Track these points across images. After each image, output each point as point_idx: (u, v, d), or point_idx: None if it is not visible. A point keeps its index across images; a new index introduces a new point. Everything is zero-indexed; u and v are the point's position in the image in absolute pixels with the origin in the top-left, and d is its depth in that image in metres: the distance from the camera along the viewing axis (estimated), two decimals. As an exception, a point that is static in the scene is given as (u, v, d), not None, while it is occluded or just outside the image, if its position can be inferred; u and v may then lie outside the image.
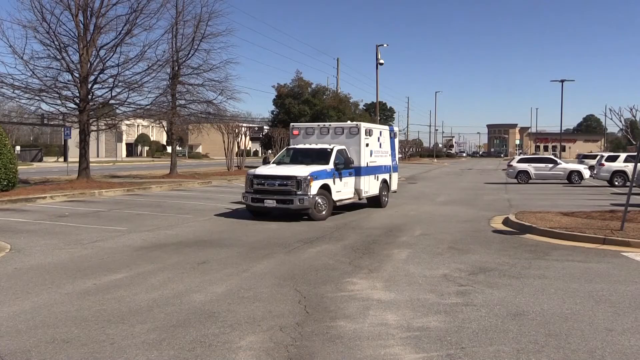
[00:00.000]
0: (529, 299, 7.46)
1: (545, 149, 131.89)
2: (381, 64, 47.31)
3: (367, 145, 17.82)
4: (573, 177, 33.01)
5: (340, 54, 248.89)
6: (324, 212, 15.53)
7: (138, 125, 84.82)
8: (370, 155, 18.11)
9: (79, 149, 26.36)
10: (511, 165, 34.68)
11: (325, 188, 15.74)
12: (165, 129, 36.91)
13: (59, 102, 25.03)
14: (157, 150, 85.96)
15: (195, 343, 5.65)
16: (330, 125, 18.40)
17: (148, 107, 27.82)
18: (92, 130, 27.53)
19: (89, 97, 24.79)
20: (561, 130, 75.87)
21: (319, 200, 15.40)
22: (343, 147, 17.19)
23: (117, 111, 29.22)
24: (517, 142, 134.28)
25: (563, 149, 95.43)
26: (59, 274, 8.58)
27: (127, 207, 18.09)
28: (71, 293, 7.49)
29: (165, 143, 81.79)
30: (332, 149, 16.69)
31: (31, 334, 5.87)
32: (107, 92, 25.48)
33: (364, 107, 73.63)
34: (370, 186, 18.16)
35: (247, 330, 6.07)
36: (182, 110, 32.26)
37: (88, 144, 26.04)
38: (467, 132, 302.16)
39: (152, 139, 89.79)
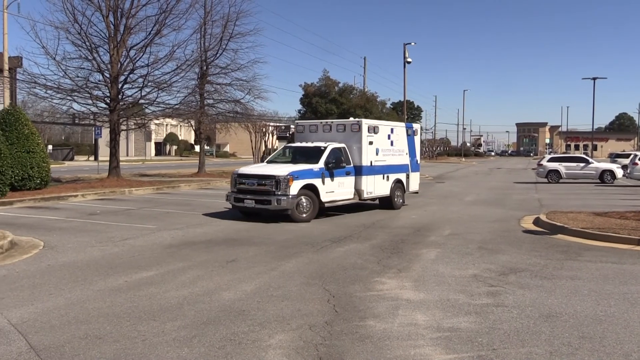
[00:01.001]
0: (561, 300, 7.33)
1: (576, 147, 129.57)
2: (409, 62, 46.93)
3: (370, 143, 17.03)
4: (605, 177, 32.33)
5: (368, 52, 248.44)
6: (305, 214, 14.88)
7: (167, 125, 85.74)
8: (377, 153, 17.32)
9: (109, 148, 26.77)
10: (541, 165, 34.14)
11: (310, 188, 15.08)
12: (194, 128, 37.25)
13: (90, 102, 25.47)
14: (185, 149, 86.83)
15: (225, 341, 5.68)
16: (332, 122, 17.87)
17: (177, 106, 28.11)
18: (122, 130, 27.95)
19: (119, 96, 25.16)
20: (593, 128, 74.41)
21: (302, 201, 14.83)
22: (342, 145, 16.59)
23: (147, 110, 29.63)
24: (547, 141, 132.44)
25: (595, 147, 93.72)
26: (91, 271, 8.71)
27: (157, 206, 18.30)
28: (103, 290, 7.61)
29: (193, 142, 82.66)
30: (325, 147, 16.05)
31: (65, 329, 5.97)
32: (136, 91, 25.86)
33: (391, 106, 73.37)
34: (376, 186, 17.31)
35: (276, 328, 6.08)
36: (210, 109, 32.52)
37: (118, 143, 26.43)
38: (495, 130, 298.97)
39: (180, 138, 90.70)
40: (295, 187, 14.68)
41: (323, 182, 15.45)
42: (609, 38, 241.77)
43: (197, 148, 66.19)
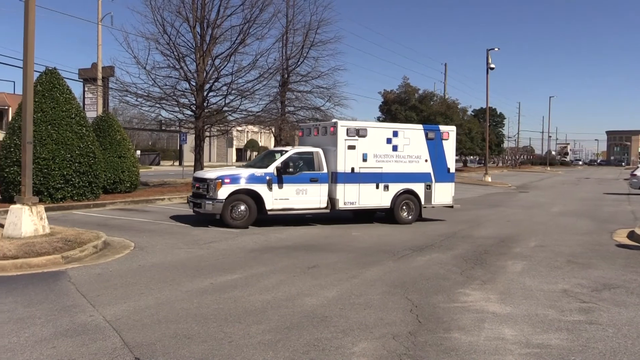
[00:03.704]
0: (662, 320, 6.88)
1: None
2: (492, 68, 45.73)
3: (351, 147, 15.29)
4: None
5: (448, 58, 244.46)
6: (240, 221, 14.22)
7: (248, 132, 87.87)
8: (364, 159, 15.47)
9: (194, 153, 27.69)
10: (635, 175, 32.27)
11: (249, 194, 14.42)
12: (274, 134, 37.92)
13: (177, 109, 26.45)
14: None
15: (309, 346, 5.71)
16: (319, 124, 16.76)
17: (258, 113, 28.70)
18: (206, 136, 28.84)
19: (205, 104, 25.99)
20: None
21: (235, 206, 14.24)
22: (315, 149, 15.49)
23: (229, 117, 30.42)
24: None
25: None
26: (179, 272, 9.02)
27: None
28: (190, 291, 7.85)
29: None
30: (286, 152, 15.32)
31: (155, 328, 6.20)
32: (221, 99, 26.60)
33: (473, 113, 71.75)
34: (363, 196, 15.48)
35: (359, 336, 6.05)
36: (291, 116, 32.97)
37: (202, 149, 27.28)
38: (583, 139, 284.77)
39: (260, 144, 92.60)
40: (224, 192, 14.13)
41: (270, 188, 14.58)
42: None
43: (276, 154, 67.06)
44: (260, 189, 14.51)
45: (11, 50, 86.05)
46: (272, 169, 14.75)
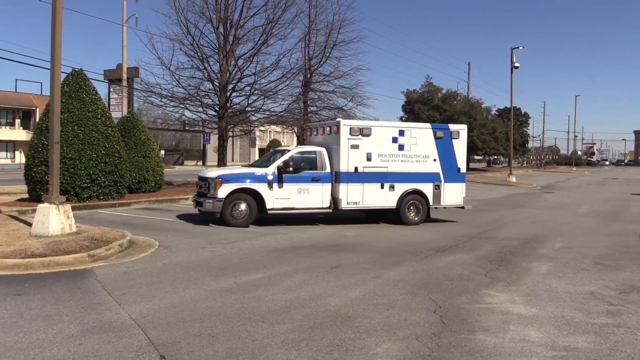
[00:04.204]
0: (693, 323, 6.73)
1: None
2: (516, 67, 45.22)
3: (354, 146, 15.22)
4: None
5: (472, 57, 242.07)
6: (240, 220, 14.34)
7: (270, 132, 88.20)
8: (368, 158, 15.34)
9: (217, 153, 27.88)
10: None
11: (250, 192, 14.53)
12: (296, 134, 37.98)
13: (200, 109, 26.65)
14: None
15: (333, 346, 5.70)
16: (324, 124, 16.78)
17: (281, 113, 28.78)
18: (230, 136, 29.01)
19: (228, 104, 26.15)
20: None
21: (235, 205, 14.36)
22: (319, 149, 15.48)
23: (252, 118, 30.56)
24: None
25: None
26: (203, 271, 9.08)
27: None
28: (214, 290, 7.90)
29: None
30: (288, 151, 15.38)
31: (180, 326, 6.25)
32: (244, 99, 26.73)
33: (497, 112, 71.06)
34: (367, 196, 15.34)
35: (383, 337, 6.03)
36: (313, 116, 32.99)
37: (226, 149, 27.46)
38: (610, 138, 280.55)
39: (283, 144, 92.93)
40: (224, 191, 14.30)
41: (270, 188, 14.64)
42: None
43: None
44: (261, 188, 14.59)
45: (38, 52, 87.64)
46: (273, 168, 14.84)
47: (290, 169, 14.80)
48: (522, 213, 19.87)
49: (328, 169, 15.28)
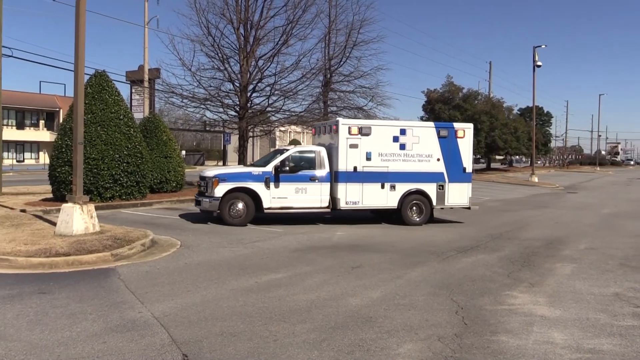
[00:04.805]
0: None
1: None
2: (539, 66, 44.70)
3: (353, 146, 15.06)
4: None
5: (493, 56, 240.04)
6: (238, 219, 14.48)
7: (290, 132, 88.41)
8: (368, 158, 15.16)
9: (237, 153, 28.00)
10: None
11: (247, 192, 14.60)
12: (316, 134, 37.94)
13: (221, 110, 26.80)
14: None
15: (354, 346, 5.69)
16: (325, 124, 16.69)
17: (301, 113, 28.82)
18: (250, 136, 29.12)
19: (248, 104, 26.26)
20: None
21: (233, 204, 14.49)
22: (318, 148, 15.43)
23: (272, 118, 30.65)
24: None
25: None
26: (224, 271, 9.13)
27: (282, 210, 18.79)
28: (236, 289, 7.93)
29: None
30: (286, 151, 15.42)
31: (202, 325, 6.29)
32: (264, 100, 26.82)
33: (519, 112, 70.32)
34: (367, 196, 15.18)
35: (404, 337, 6.00)
36: (333, 116, 32.97)
37: (246, 149, 27.56)
38: (635, 138, 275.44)
39: (303, 144, 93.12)
40: (220, 190, 14.44)
41: (267, 187, 14.68)
42: None
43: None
44: (258, 187, 14.65)
45: (62, 53, 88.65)
46: (270, 167, 14.86)
47: (288, 168, 14.83)
48: (545, 213, 19.65)
49: (327, 169, 15.20)
